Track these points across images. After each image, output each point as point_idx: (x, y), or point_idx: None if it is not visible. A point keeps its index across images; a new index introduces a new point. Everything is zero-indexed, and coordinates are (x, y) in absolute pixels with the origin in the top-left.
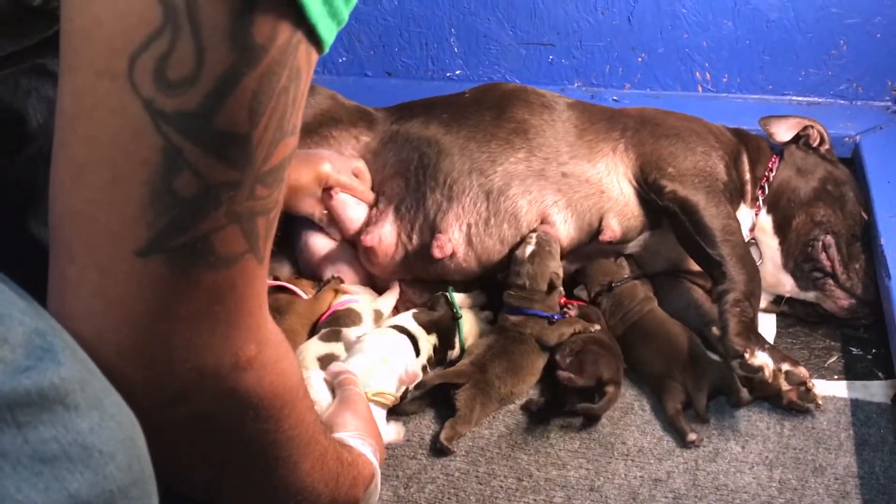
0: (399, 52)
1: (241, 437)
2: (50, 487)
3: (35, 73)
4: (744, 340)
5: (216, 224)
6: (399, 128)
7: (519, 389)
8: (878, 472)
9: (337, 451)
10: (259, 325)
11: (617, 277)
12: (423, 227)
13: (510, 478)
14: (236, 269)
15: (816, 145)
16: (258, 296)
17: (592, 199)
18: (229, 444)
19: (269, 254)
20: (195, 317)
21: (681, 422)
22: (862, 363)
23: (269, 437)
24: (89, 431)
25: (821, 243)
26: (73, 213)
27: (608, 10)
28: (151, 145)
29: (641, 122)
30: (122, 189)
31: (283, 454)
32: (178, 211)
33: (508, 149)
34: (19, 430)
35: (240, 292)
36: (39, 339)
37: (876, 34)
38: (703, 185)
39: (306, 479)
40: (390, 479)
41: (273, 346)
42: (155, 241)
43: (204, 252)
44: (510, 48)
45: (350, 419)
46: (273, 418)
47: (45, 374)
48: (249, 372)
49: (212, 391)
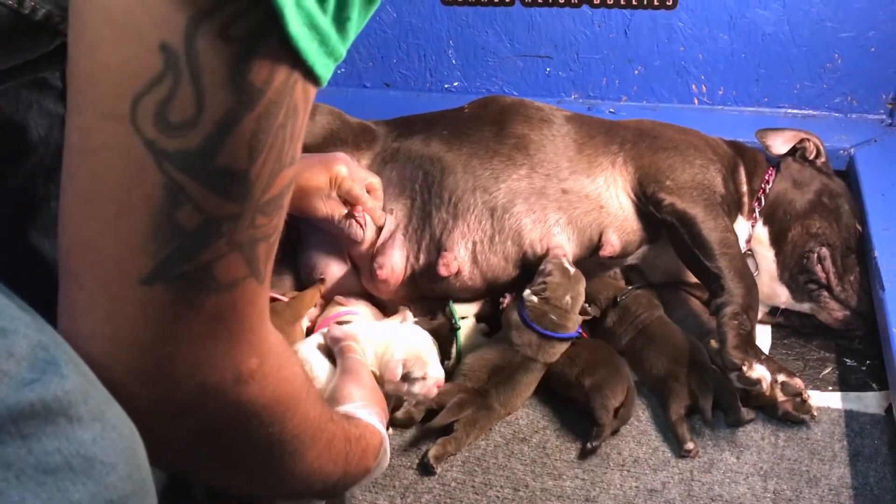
0: (397, 63)
1: (248, 442)
2: (53, 498)
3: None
4: (741, 353)
5: (218, 253)
6: (400, 145)
7: (514, 406)
8: (873, 483)
9: (344, 431)
10: (261, 340)
11: (621, 291)
12: (430, 245)
13: (506, 488)
14: (237, 291)
15: (813, 158)
16: (259, 313)
17: (592, 214)
18: (236, 449)
19: (270, 273)
20: (198, 337)
21: (683, 428)
22: (856, 374)
23: (274, 438)
24: (91, 442)
25: (816, 255)
26: (81, 243)
27: (605, 23)
28: (154, 182)
29: (639, 135)
30: (127, 222)
31: (290, 449)
32: (180, 242)
33: (511, 165)
34: (23, 442)
35: (241, 311)
36: (43, 352)
37: (870, 48)
38: (702, 197)
39: (314, 465)
40: (387, 489)
41: (275, 356)
42: (158, 270)
43: (206, 279)
44: (508, 60)
45: (354, 390)
46: (277, 422)
47: (49, 386)
48: (251, 384)
49: (216, 404)
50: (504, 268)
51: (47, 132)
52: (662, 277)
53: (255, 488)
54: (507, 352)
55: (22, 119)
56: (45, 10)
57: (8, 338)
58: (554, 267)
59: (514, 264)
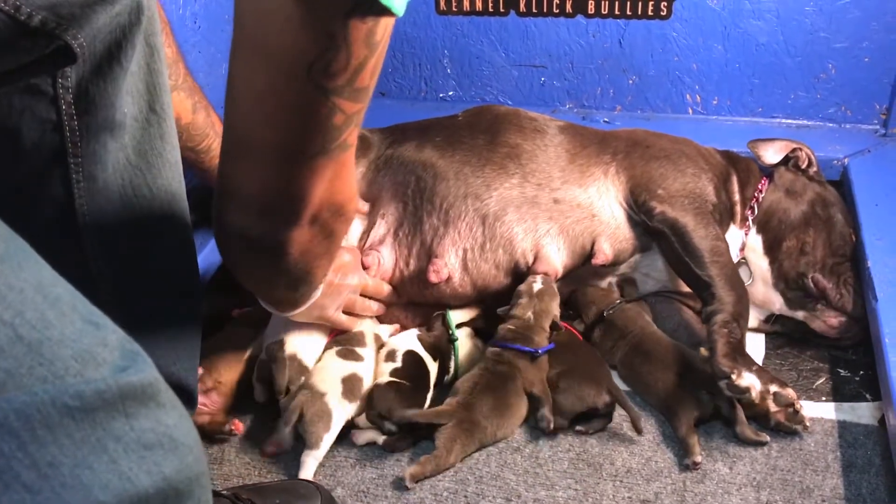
0: (392, 72)
1: (308, 257)
2: (152, 470)
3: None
4: (731, 361)
5: (351, 131)
6: (394, 151)
7: (504, 432)
8: (865, 494)
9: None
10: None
11: (608, 305)
12: (420, 251)
13: (499, 498)
14: (352, 151)
15: (805, 167)
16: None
17: (584, 223)
18: (289, 261)
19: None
20: (336, 178)
21: (693, 440)
22: (850, 385)
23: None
24: (174, 426)
25: (811, 281)
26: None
27: (599, 33)
28: (320, 103)
29: (632, 145)
30: (302, 123)
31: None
32: (334, 132)
33: (503, 174)
34: (127, 420)
35: (352, 163)
36: (129, 344)
37: (864, 58)
38: (693, 206)
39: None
40: (379, 499)
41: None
42: (321, 147)
43: (347, 147)
44: (503, 70)
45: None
46: (331, 251)
47: (144, 373)
48: (349, 214)
49: (330, 218)
50: (495, 275)
51: (40, 138)
52: (655, 286)
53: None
54: (487, 367)
55: (14, 125)
56: (42, 17)
57: (101, 330)
58: (524, 289)
59: (506, 272)
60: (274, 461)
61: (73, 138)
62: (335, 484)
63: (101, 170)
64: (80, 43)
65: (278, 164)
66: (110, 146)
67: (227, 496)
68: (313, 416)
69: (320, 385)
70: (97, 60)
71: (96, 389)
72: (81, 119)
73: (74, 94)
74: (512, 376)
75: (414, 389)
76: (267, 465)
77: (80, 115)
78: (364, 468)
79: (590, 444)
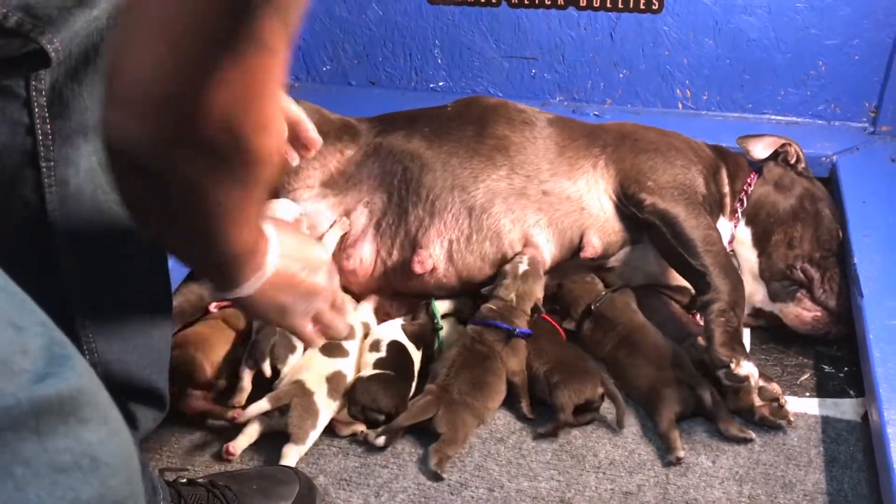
0: (383, 62)
1: (214, 193)
2: (65, 497)
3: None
4: (729, 350)
5: (270, 24)
6: (382, 140)
7: (490, 405)
8: (847, 490)
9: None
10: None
11: (595, 298)
12: (404, 242)
13: (481, 488)
14: (273, 65)
15: (794, 163)
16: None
17: (573, 216)
18: (196, 198)
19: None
20: (240, 86)
21: (674, 434)
22: (834, 381)
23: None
24: (98, 444)
25: (800, 270)
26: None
27: (591, 26)
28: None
29: (621, 138)
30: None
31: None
32: (245, 13)
33: (490, 166)
34: (39, 438)
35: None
36: (59, 347)
37: (854, 56)
38: (683, 197)
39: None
40: (361, 487)
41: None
42: (226, 31)
43: (262, 47)
44: (493, 61)
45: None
46: (246, 183)
47: (66, 382)
48: (266, 138)
49: (230, 143)
50: (480, 267)
51: (11, 140)
52: (643, 280)
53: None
54: (464, 345)
55: None
56: (17, 18)
57: (22, 335)
58: (510, 269)
59: (491, 264)
60: (256, 449)
61: (45, 142)
62: (318, 472)
63: (73, 174)
64: (56, 47)
65: (172, 43)
66: (83, 150)
67: (203, 484)
68: (302, 413)
69: (308, 384)
70: (73, 64)
71: (4, 406)
72: (55, 122)
73: (48, 98)
74: (490, 356)
75: (398, 379)
76: (248, 452)
77: (54, 118)
78: (347, 457)
79: (573, 436)
